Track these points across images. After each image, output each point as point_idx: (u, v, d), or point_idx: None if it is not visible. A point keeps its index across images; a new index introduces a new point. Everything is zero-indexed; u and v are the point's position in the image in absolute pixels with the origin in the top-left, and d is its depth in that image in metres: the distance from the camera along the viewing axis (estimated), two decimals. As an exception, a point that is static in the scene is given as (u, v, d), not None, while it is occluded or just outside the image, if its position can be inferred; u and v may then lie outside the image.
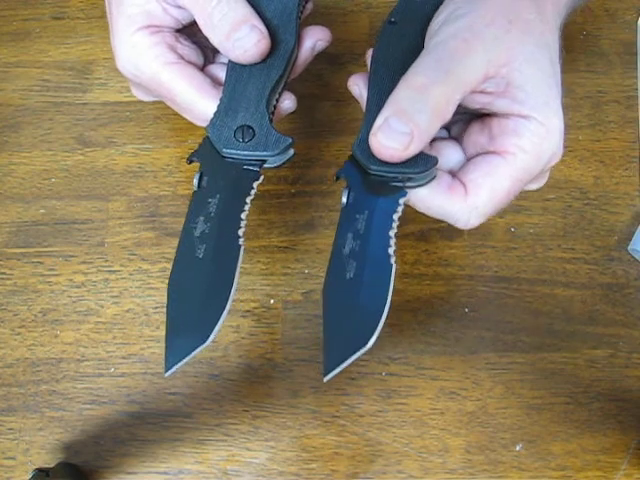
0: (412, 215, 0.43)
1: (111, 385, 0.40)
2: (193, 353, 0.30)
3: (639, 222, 0.43)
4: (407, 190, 0.32)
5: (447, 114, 0.30)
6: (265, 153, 0.34)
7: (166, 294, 0.32)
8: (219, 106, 0.35)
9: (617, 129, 0.45)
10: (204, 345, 0.30)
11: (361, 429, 0.39)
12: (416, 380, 0.40)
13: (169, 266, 0.42)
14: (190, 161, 0.35)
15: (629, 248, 0.42)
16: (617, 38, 0.48)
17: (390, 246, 0.31)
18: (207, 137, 0.34)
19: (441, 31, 0.31)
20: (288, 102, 0.37)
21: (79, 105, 0.46)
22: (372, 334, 0.29)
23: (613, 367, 0.40)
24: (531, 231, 0.43)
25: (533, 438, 0.39)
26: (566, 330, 0.41)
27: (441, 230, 0.43)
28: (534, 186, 0.35)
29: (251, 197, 0.34)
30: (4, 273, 0.42)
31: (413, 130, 0.29)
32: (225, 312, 0.31)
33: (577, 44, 0.48)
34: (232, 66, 0.36)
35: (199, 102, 0.35)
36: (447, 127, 0.35)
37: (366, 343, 0.29)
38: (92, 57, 0.48)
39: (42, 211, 0.44)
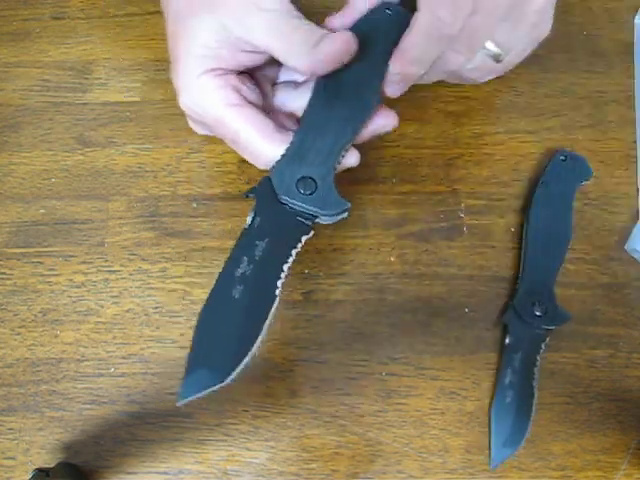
0: (412, 215, 0.43)
1: (111, 385, 0.40)
2: (209, 390, 0.31)
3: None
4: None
5: None
6: (322, 212, 0.35)
7: (196, 324, 0.32)
8: (287, 149, 0.35)
9: (617, 129, 0.45)
10: (222, 384, 0.31)
11: (361, 429, 0.39)
12: (416, 380, 0.40)
13: (169, 266, 0.42)
14: (246, 196, 0.35)
15: (627, 247, 0.42)
16: (617, 38, 0.48)
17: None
18: (268, 177, 0.35)
19: None
20: (353, 159, 0.37)
21: (79, 105, 0.46)
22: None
23: (613, 367, 0.40)
24: (531, 231, 0.43)
25: (533, 438, 0.39)
26: (566, 330, 0.40)
27: (441, 230, 0.43)
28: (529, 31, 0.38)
29: (297, 250, 0.34)
30: (4, 273, 0.42)
31: None
32: (249, 357, 0.32)
33: (577, 44, 0.48)
34: (309, 111, 0.36)
35: (263, 146, 0.36)
36: None
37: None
38: (92, 57, 0.48)
39: (42, 211, 0.44)
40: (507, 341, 0.40)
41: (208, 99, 0.36)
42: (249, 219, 0.34)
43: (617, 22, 0.48)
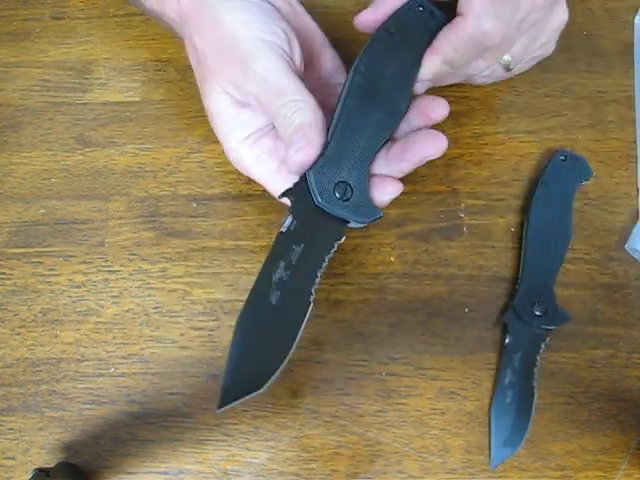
0: (412, 215, 0.43)
1: (111, 385, 0.40)
2: (246, 397, 0.31)
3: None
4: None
5: None
6: (355, 218, 0.35)
7: (234, 329, 0.33)
8: (324, 151, 0.35)
9: (617, 129, 0.45)
10: (259, 392, 0.32)
11: (361, 429, 0.39)
12: (416, 380, 0.40)
13: (169, 266, 0.42)
14: (283, 196, 0.35)
15: (627, 247, 0.42)
16: (617, 38, 0.48)
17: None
18: (305, 177, 0.35)
19: None
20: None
21: (79, 105, 0.46)
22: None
23: (613, 367, 0.40)
24: (531, 231, 0.43)
25: (533, 438, 0.39)
26: (566, 330, 0.40)
27: (441, 230, 0.43)
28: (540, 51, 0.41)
29: (330, 256, 0.35)
30: (4, 273, 0.42)
31: None
32: (284, 364, 0.32)
33: (577, 44, 0.48)
34: (344, 112, 0.35)
35: None
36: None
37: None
38: (92, 57, 0.48)
39: (42, 211, 0.44)
40: (507, 341, 0.40)
41: (249, 167, 0.38)
42: (287, 222, 0.34)
43: (617, 22, 0.48)
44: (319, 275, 0.34)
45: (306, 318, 0.33)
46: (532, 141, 0.45)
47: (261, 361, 0.32)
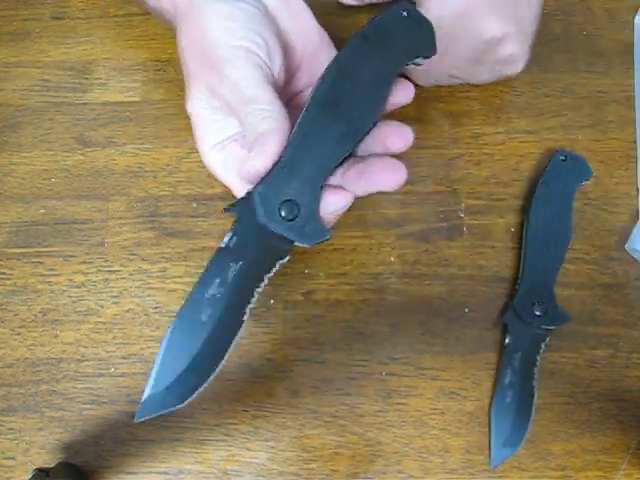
0: (412, 215, 0.43)
1: (111, 385, 0.40)
2: (166, 411, 0.31)
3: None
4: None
5: None
6: (298, 239, 0.33)
7: (162, 341, 0.32)
8: (274, 166, 0.32)
9: (617, 129, 0.45)
10: (179, 407, 0.31)
11: (361, 429, 0.39)
12: (416, 380, 0.40)
13: (169, 266, 0.42)
14: (227, 211, 0.33)
15: (627, 247, 0.42)
16: (617, 38, 0.48)
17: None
18: (253, 192, 0.33)
19: None
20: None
21: (79, 105, 0.46)
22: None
23: (613, 367, 0.40)
24: (531, 231, 0.43)
25: (533, 438, 0.39)
26: (566, 330, 0.40)
27: (441, 230, 0.43)
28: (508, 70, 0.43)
29: (270, 275, 0.33)
30: (4, 273, 0.42)
31: None
32: (207, 383, 0.32)
33: (577, 44, 0.48)
34: (302, 123, 0.33)
35: None
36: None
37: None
38: (92, 57, 0.48)
39: (42, 211, 0.44)
40: (507, 341, 0.40)
41: (217, 175, 0.37)
42: (226, 239, 0.33)
43: (617, 22, 0.48)
44: (256, 294, 0.32)
45: (237, 336, 0.32)
46: (532, 141, 0.45)
47: (185, 377, 0.31)
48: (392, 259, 0.42)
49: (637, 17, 0.48)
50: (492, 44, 0.40)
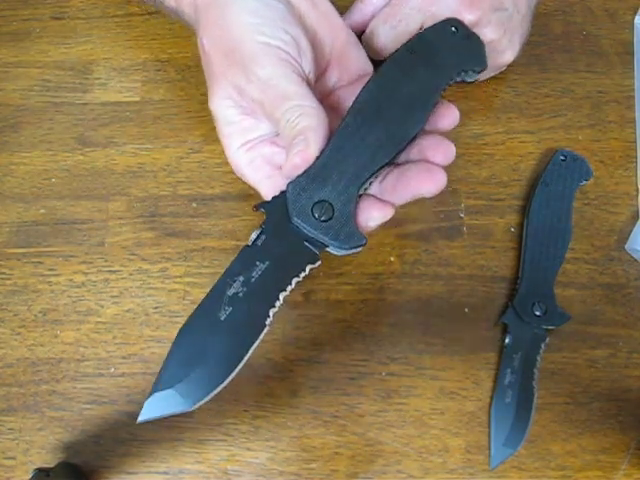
0: (412, 215, 0.43)
1: (111, 385, 0.40)
2: (172, 412, 0.29)
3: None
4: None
5: None
6: (334, 243, 0.32)
7: (173, 340, 0.30)
8: (310, 168, 0.32)
9: (617, 129, 0.46)
10: (187, 410, 0.29)
11: (361, 429, 0.39)
12: (416, 380, 0.40)
13: (169, 266, 0.42)
14: (257, 208, 0.33)
15: (627, 247, 0.42)
16: (617, 38, 0.48)
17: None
18: (285, 193, 0.32)
19: None
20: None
21: (79, 105, 0.46)
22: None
23: (613, 367, 0.40)
24: (531, 231, 0.43)
25: (533, 438, 0.39)
26: (566, 330, 0.41)
27: (441, 230, 0.43)
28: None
29: (299, 279, 0.32)
30: (4, 273, 0.42)
31: None
32: (221, 387, 0.30)
33: (577, 44, 0.48)
34: (343, 127, 0.33)
35: None
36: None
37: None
38: (92, 57, 0.48)
39: (42, 211, 0.44)
40: (507, 341, 0.40)
41: (245, 172, 0.37)
42: (253, 236, 0.32)
43: (617, 22, 0.48)
44: (281, 298, 0.31)
45: (257, 341, 0.30)
46: (532, 141, 0.45)
47: (196, 381, 0.29)
48: (392, 259, 0.42)
49: (637, 17, 0.48)
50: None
